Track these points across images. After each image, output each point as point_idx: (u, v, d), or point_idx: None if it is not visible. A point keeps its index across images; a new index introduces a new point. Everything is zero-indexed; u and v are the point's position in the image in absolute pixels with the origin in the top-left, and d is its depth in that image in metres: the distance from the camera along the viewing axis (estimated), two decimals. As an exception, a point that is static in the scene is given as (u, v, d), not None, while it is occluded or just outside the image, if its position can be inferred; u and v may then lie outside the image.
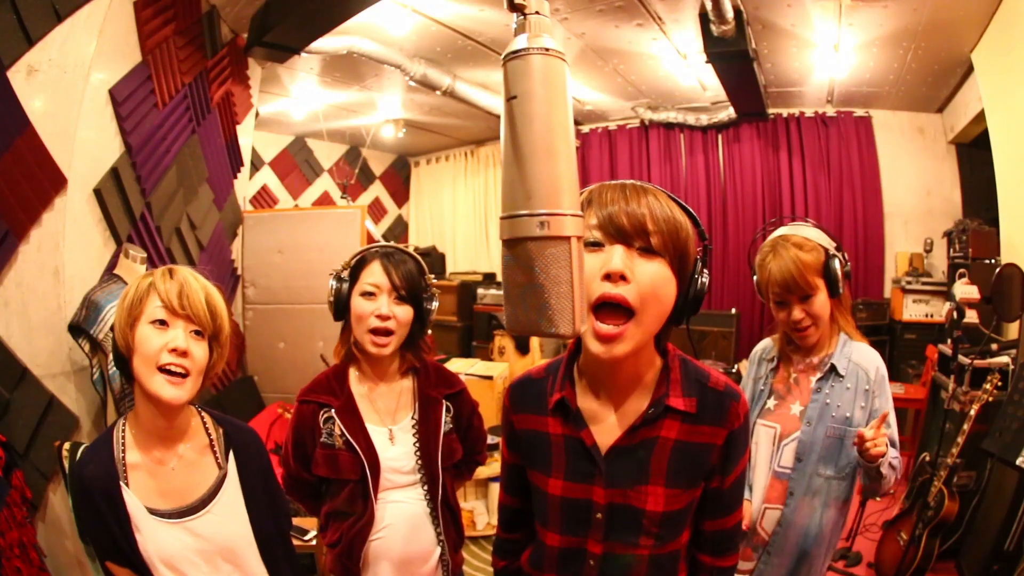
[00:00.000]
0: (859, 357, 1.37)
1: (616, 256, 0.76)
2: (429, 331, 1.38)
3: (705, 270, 0.82)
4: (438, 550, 1.30)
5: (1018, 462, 2.03)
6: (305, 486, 1.34)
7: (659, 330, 0.82)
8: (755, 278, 1.44)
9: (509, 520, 1.05)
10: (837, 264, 1.33)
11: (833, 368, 1.36)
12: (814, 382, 1.38)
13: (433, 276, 1.37)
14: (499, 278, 5.62)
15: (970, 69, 3.64)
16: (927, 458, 2.59)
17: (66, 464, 1.79)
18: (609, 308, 0.76)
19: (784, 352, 1.47)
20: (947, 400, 2.49)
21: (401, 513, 1.27)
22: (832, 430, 1.33)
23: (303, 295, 3.62)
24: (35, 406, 1.86)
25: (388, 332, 1.25)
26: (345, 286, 1.28)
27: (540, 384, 0.93)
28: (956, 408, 2.45)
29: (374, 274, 1.26)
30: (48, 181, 1.94)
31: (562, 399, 0.88)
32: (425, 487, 1.29)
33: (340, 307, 1.29)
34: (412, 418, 1.31)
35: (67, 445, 1.81)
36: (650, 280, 0.76)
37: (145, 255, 2.21)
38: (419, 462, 1.28)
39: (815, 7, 3.20)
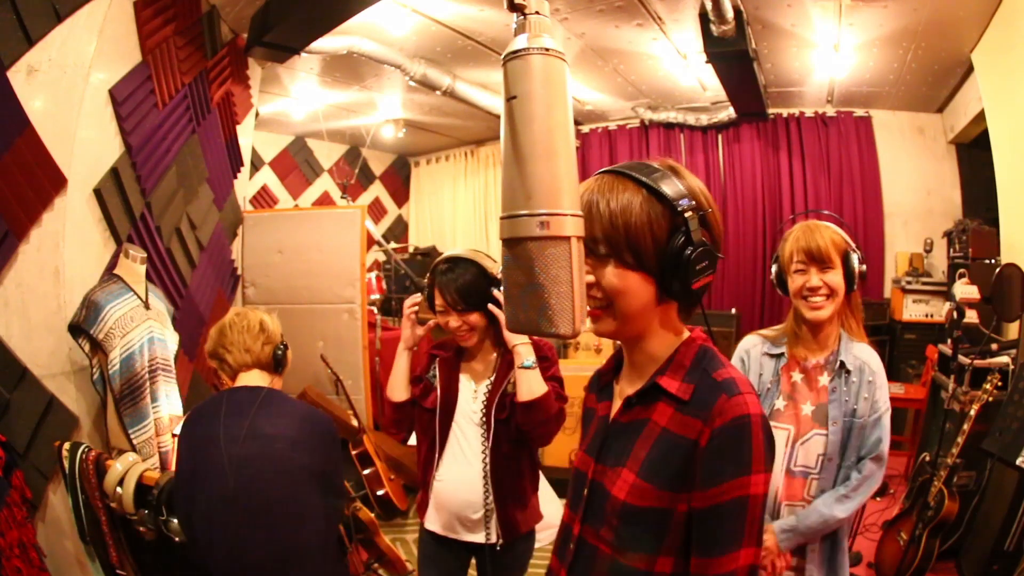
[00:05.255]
0: (859, 351, 1.45)
1: None
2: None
3: (685, 240, 0.78)
4: (486, 497, 1.56)
5: (1018, 462, 2.03)
6: (404, 409, 1.69)
7: (641, 311, 0.84)
8: (775, 261, 1.52)
9: None
10: (856, 260, 1.42)
11: (843, 365, 1.42)
12: (828, 382, 1.43)
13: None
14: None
15: (970, 69, 3.64)
16: (927, 458, 2.59)
17: (66, 464, 1.79)
18: None
19: (792, 345, 1.50)
20: (947, 400, 2.49)
21: (459, 456, 1.61)
22: (844, 423, 1.40)
23: (303, 295, 3.61)
24: (35, 406, 1.86)
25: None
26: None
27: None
28: (956, 408, 2.45)
29: (438, 296, 1.59)
30: (48, 181, 1.95)
31: (598, 374, 1.00)
32: (484, 433, 1.61)
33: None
34: (489, 381, 1.65)
35: (67, 445, 1.81)
36: (606, 281, 0.82)
37: (145, 255, 2.21)
38: (483, 414, 1.62)
39: (815, 7, 3.20)
